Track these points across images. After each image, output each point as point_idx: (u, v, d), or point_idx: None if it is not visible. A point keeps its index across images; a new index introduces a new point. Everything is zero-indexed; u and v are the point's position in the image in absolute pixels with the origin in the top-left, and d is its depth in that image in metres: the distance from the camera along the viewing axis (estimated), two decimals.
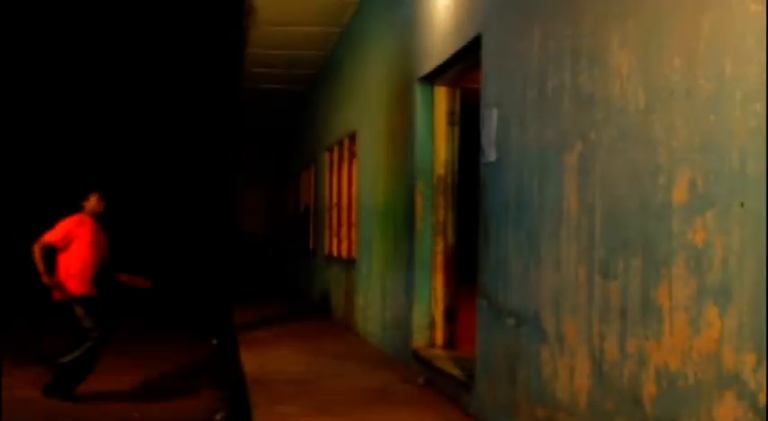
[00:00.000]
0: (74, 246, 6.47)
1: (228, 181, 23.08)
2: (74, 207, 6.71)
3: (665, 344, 3.06)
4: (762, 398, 2.55)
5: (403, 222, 7.17)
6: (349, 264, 10.05)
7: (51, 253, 6.46)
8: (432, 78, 6.71)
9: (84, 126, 21.68)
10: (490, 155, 5.02)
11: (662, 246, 3.11)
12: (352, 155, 10.13)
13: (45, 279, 6.30)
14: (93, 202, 6.63)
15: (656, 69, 3.20)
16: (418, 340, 6.77)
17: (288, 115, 17.87)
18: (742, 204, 2.67)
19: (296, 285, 16.07)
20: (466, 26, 5.65)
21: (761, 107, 2.59)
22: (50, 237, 6.41)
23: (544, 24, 4.27)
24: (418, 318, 6.78)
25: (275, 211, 21.56)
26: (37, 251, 6.27)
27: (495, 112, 4.95)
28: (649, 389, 3.17)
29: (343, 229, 10.71)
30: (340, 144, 11.03)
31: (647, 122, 3.24)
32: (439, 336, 6.76)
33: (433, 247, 6.75)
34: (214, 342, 9.73)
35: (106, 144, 22.17)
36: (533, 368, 4.27)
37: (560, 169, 4.01)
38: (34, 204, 20.07)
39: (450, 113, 6.79)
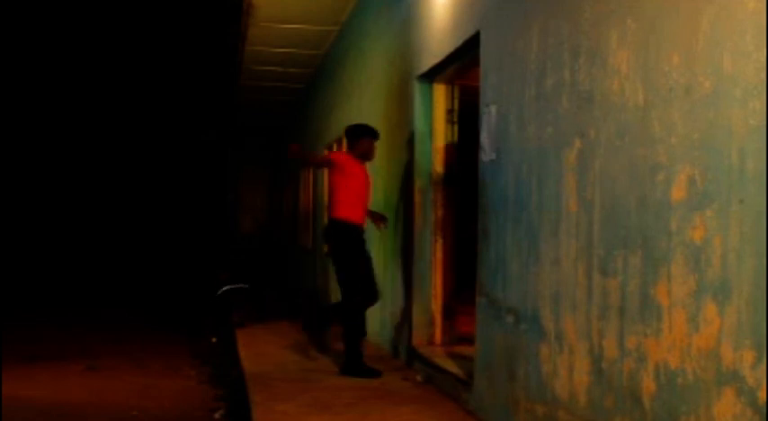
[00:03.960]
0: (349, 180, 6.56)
1: (227, 179, 23.09)
2: (71, 204, 6.79)
3: (664, 341, 3.07)
4: (761, 394, 2.55)
5: (402, 220, 7.17)
6: None
7: None
8: (430, 76, 6.71)
9: (83, 124, 21.66)
10: (489, 153, 5.01)
11: (661, 243, 3.11)
12: None
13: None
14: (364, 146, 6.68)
15: (654, 66, 3.20)
16: (417, 337, 6.77)
17: (286, 113, 17.86)
18: (741, 201, 2.67)
19: (295, 284, 16.06)
20: (464, 23, 5.64)
21: (760, 104, 2.59)
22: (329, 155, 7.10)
23: (543, 21, 4.27)
24: (417, 316, 6.78)
25: (275, 210, 21.55)
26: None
27: (493, 110, 4.94)
28: (648, 386, 3.17)
29: None
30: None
31: (646, 120, 3.24)
32: (438, 334, 6.76)
33: (433, 245, 6.75)
34: (213, 340, 9.73)
35: (105, 142, 22.15)
36: (532, 365, 4.28)
37: (559, 167, 4.01)
38: (33, 203, 20.05)
39: (449, 111, 6.80)
